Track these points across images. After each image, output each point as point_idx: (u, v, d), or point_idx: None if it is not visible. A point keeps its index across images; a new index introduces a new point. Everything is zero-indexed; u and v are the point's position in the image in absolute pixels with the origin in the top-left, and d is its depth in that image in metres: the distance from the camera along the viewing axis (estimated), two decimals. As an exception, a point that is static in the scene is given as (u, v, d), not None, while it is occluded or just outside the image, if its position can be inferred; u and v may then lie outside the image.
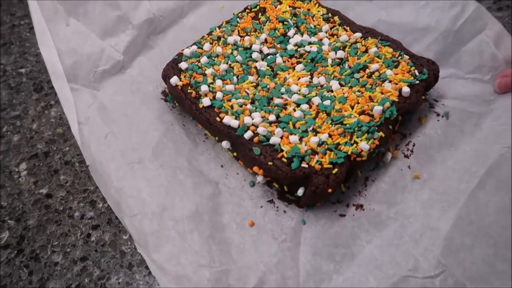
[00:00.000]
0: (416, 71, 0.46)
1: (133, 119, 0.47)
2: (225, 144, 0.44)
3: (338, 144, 0.41)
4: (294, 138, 0.41)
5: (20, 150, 0.47)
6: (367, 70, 0.47)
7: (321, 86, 0.46)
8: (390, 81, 0.45)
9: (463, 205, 0.41)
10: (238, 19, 0.52)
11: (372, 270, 0.38)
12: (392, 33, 0.53)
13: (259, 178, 0.42)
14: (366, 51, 0.49)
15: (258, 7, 0.54)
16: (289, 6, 0.53)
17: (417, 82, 0.45)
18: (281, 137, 0.41)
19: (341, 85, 0.46)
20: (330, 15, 0.53)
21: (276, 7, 0.53)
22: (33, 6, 0.53)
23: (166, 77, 0.48)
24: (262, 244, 0.40)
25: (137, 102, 0.49)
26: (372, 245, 0.40)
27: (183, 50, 0.49)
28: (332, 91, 0.46)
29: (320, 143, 0.41)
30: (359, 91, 0.45)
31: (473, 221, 0.40)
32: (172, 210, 0.41)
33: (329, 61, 0.48)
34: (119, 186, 0.42)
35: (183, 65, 0.47)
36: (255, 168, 0.42)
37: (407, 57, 0.48)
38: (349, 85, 0.46)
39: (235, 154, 0.44)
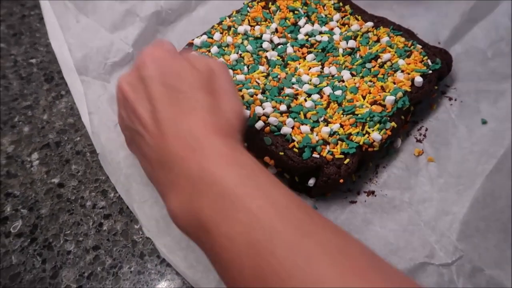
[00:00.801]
0: (429, 60, 0.45)
1: None
2: (236, 134, 0.44)
3: (350, 134, 0.41)
4: (305, 128, 0.41)
5: (32, 140, 0.47)
6: (379, 60, 0.46)
7: (332, 76, 0.46)
8: (402, 71, 0.45)
9: (479, 187, 0.41)
10: (248, 8, 0.52)
11: (387, 254, 0.38)
12: (405, 17, 0.52)
13: (270, 169, 0.42)
14: (378, 40, 0.48)
15: (268, -4, 0.53)
16: (300, -5, 0.53)
17: (430, 71, 0.45)
18: (292, 127, 0.41)
19: (352, 75, 0.46)
20: (341, 4, 0.52)
21: (286, -4, 0.53)
22: (45, 5, 0.54)
23: (176, 67, 0.48)
24: None
25: None
26: (387, 229, 0.39)
27: (193, 40, 0.48)
28: (343, 81, 0.45)
29: (332, 133, 0.41)
30: (370, 81, 0.45)
31: (487, 204, 0.40)
32: None
33: (340, 50, 0.48)
34: (128, 173, 0.43)
35: (193, 55, 0.47)
36: (266, 158, 0.41)
37: (420, 46, 0.47)
38: (360, 75, 0.45)
39: (245, 144, 0.44)
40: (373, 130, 0.41)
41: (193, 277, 0.37)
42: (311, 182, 0.41)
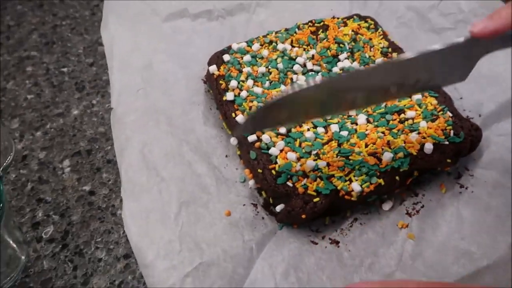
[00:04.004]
0: (452, 131, 0.42)
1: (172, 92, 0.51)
2: (233, 140, 0.45)
3: (332, 176, 0.40)
4: (291, 156, 0.40)
5: (63, 147, 0.48)
6: (402, 115, 0.44)
7: (348, 116, 0.45)
8: (419, 133, 0.42)
9: None
10: (297, 29, 0.53)
11: None
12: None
13: (251, 182, 0.43)
14: (410, 95, 0.46)
15: (322, 23, 0.53)
16: (352, 31, 0.52)
17: (447, 143, 0.42)
18: (281, 150, 0.41)
19: (368, 121, 0.44)
20: (390, 50, 0.50)
21: (339, 28, 0.53)
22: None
23: (209, 64, 0.51)
24: (228, 233, 0.40)
25: (180, 75, 0.52)
26: (332, 283, 0.37)
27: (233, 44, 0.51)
28: (356, 123, 0.44)
29: (315, 169, 0.40)
30: (383, 132, 0.43)
31: None
32: (163, 170, 0.43)
33: (368, 94, 0.46)
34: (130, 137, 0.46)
35: (226, 57, 0.49)
36: (246, 171, 0.42)
37: (450, 114, 0.44)
38: (375, 123, 0.44)
39: (238, 153, 0.46)
40: (356, 179, 0.39)
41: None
42: (278, 208, 0.40)
